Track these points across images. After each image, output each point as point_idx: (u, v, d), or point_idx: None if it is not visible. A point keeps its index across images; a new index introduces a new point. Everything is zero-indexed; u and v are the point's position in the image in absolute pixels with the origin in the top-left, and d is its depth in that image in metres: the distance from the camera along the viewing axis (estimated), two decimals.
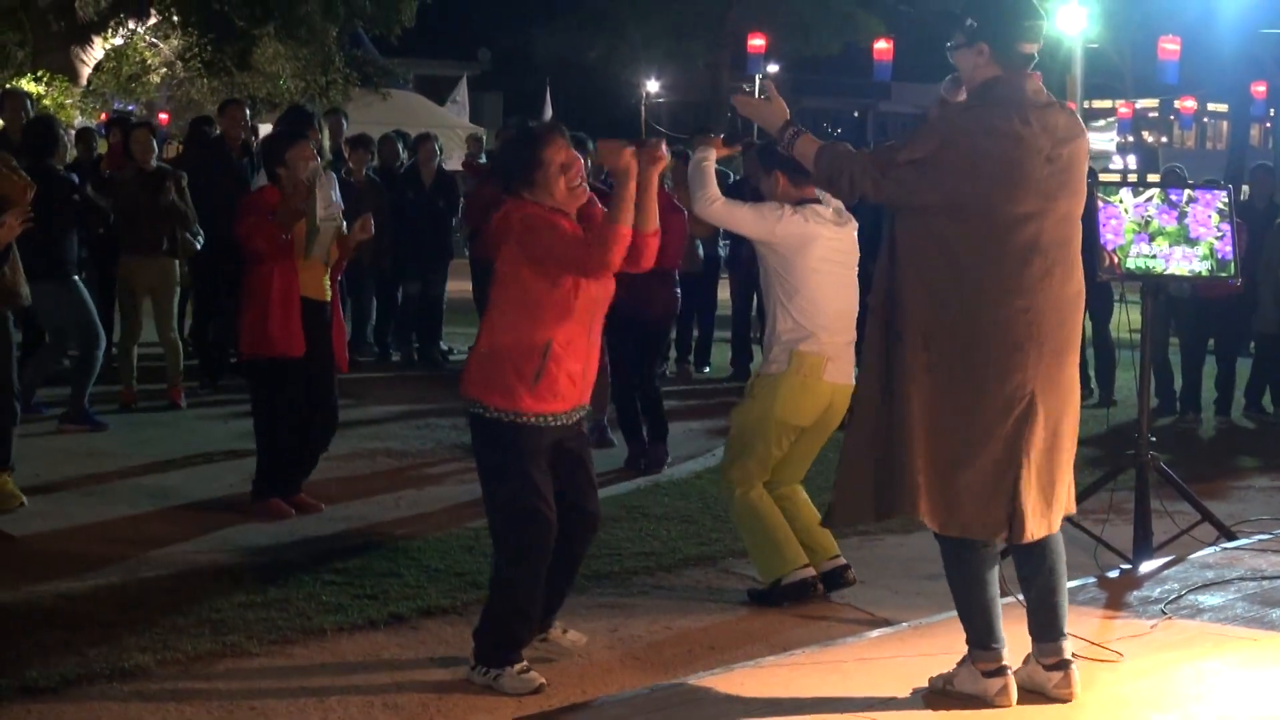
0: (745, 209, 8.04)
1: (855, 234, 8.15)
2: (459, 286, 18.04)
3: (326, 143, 12.35)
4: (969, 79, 6.16)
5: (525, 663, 6.54)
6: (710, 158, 8.08)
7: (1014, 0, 6.12)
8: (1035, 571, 6.23)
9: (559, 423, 6.59)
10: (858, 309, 7.99)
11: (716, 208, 7.97)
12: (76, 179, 12.25)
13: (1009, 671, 6.17)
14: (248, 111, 14.76)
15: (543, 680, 6.50)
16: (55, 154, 11.51)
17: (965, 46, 6.12)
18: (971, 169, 5.90)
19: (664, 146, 6.63)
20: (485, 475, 6.69)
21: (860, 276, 7.99)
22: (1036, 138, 5.97)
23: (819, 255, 7.89)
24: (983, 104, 6.02)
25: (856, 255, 8.14)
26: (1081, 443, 13.43)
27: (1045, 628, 6.27)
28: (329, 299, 9.60)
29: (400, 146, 17.34)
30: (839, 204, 8.04)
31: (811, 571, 7.99)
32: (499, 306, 6.59)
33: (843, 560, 8.20)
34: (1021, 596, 6.36)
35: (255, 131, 15.36)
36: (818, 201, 7.98)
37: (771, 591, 8.00)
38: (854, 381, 7.96)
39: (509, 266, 6.56)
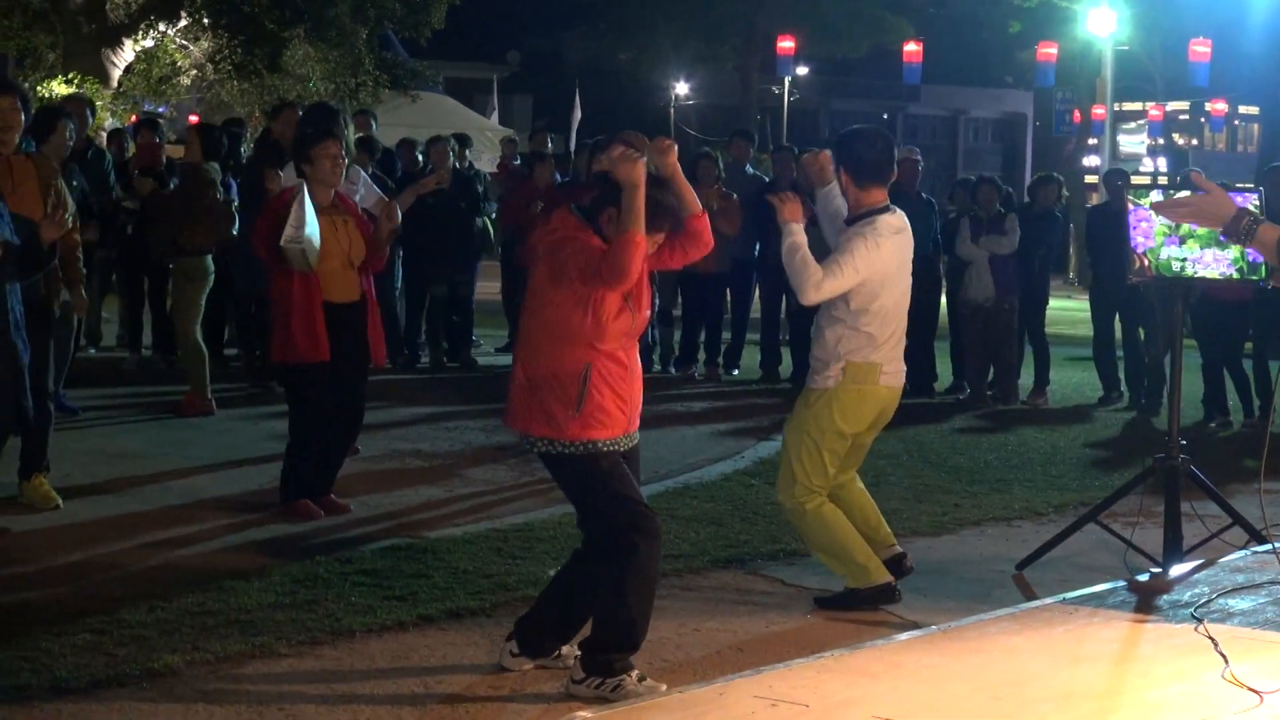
0: (846, 270, 7.78)
1: (910, 237, 8.12)
2: (487, 286, 18.09)
3: (353, 141, 12.34)
4: None
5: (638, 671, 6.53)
6: (800, 237, 7.85)
7: None
8: None
9: (610, 449, 6.55)
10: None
11: (825, 289, 7.76)
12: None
13: None
14: (300, 114, 14.75)
15: (664, 685, 6.51)
16: (48, 143, 11.24)
17: None
18: None
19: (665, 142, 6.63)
20: (573, 500, 6.74)
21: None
22: None
23: (889, 274, 7.89)
24: None
25: (910, 261, 8.12)
26: (1111, 446, 13.46)
27: None
28: (358, 299, 9.60)
29: (417, 152, 17.38)
30: (901, 216, 8.02)
31: (890, 579, 8.03)
32: (531, 335, 6.54)
33: (899, 549, 8.27)
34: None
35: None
36: (887, 210, 7.95)
37: (846, 596, 8.02)
38: (904, 380, 8.09)
39: (538, 292, 6.52)
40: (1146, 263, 8.80)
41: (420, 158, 17.34)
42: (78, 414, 12.68)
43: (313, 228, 9.20)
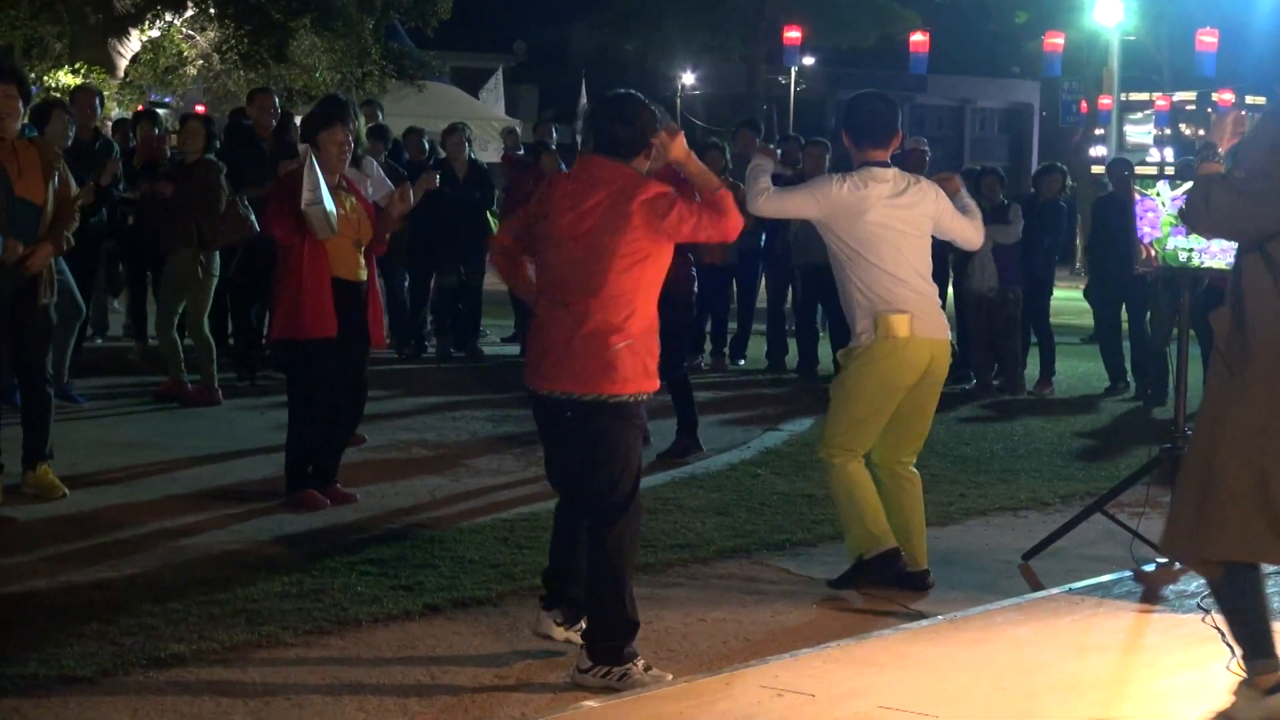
0: (795, 194, 8.07)
1: (923, 207, 8.04)
2: (491, 277, 18.08)
3: (364, 131, 12.33)
4: None
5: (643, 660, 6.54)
6: (766, 166, 8.18)
7: None
8: None
9: None
10: (931, 270, 8.08)
11: (764, 201, 8.00)
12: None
13: None
14: (276, 100, 14.77)
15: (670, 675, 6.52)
16: (45, 135, 11.22)
17: None
18: None
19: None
20: (614, 459, 6.56)
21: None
22: None
23: (874, 220, 7.86)
24: None
25: (923, 228, 8.06)
26: (1117, 436, 13.45)
27: None
28: (363, 279, 9.61)
29: (424, 141, 17.38)
30: (898, 173, 8.03)
31: (895, 545, 8.00)
32: (625, 294, 6.47)
33: (924, 567, 8.20)
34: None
35: (290, 119, 15.38)
36: (883, 165, 7.99)
37: (853, 571, 8.05)
38: (948, 337, 8.07)
39: (642, 247, 6.47)
40: (1153, 253, 8.80)
41: (428, 146, 17.35)
42: (81, 404, 12.70)
43: (326, 193, 9.23)
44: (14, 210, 9.14)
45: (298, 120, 14.60)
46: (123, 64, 27.77)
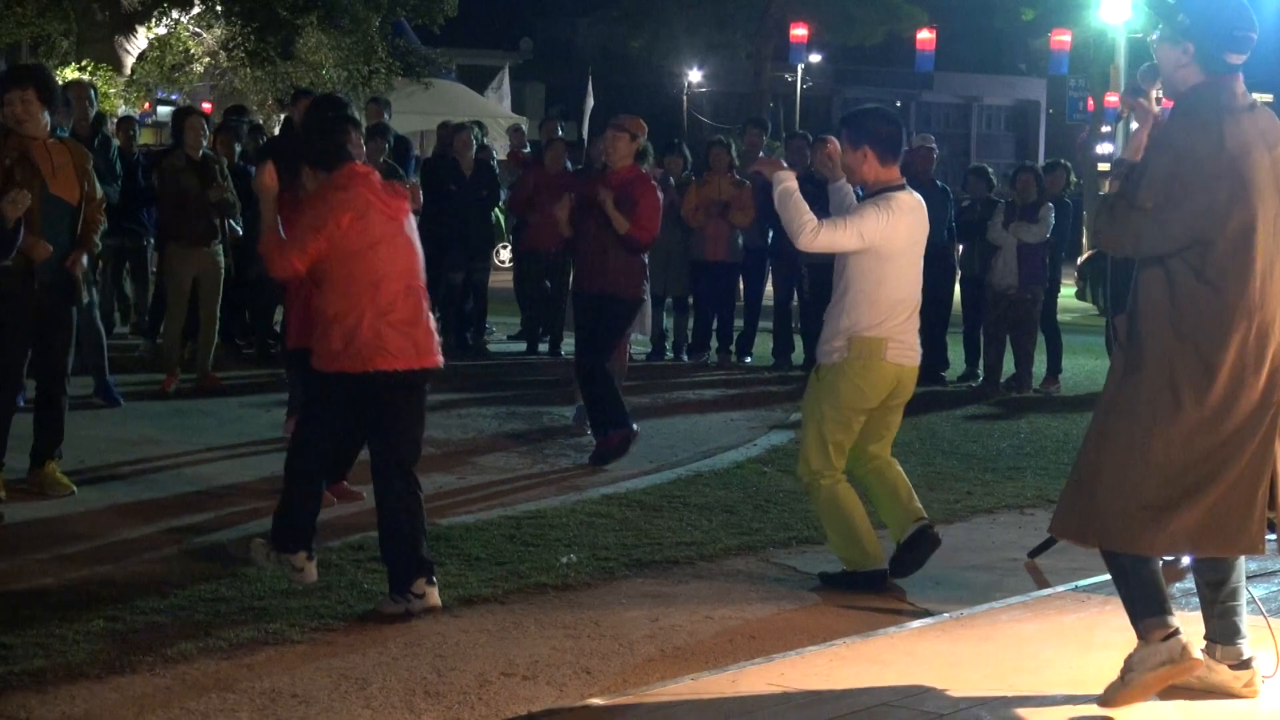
0: (847, 231, 7.88)
1: (924, 229, 8.19)
2: (495, 274, 18.10)
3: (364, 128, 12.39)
4: (1168, 76, 5.97)
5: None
6: (791, 182, 7.98)
7: (1231, 5, 5.96)
8: (1224, 579, 6.25)
9: None
10: (919, 293, 8.14)
11: (815, 239, 7.86)
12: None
13: (1181, 632, 6.03)
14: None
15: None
16: None
17: (1170, 41, 5.94)
18: (1203, 203, 5.72)
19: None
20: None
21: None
22: (1252, 143, 5.78)
23: (898, 249, 7.92)
24: (1193, 121, 5.82)
25: (921, 253, 8.17)
26: None
27: (1228, 632, 6.26)
28: None
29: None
30: (916, 198, 8.08)
31: (884, 566, 8.09)
32: None
33: (926, 520, 8.26)
34: (1198, 600, 6.40)
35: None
36: (901, 188, 8.02)
37: (843, 577, 8.10)
38: (917, 362, 8.11)
39: None
40: None
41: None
42: (121, 404, 12.74)
43: None
44: (48, 209, 9.18)
45: None
46: (129, 61, 27.81)
